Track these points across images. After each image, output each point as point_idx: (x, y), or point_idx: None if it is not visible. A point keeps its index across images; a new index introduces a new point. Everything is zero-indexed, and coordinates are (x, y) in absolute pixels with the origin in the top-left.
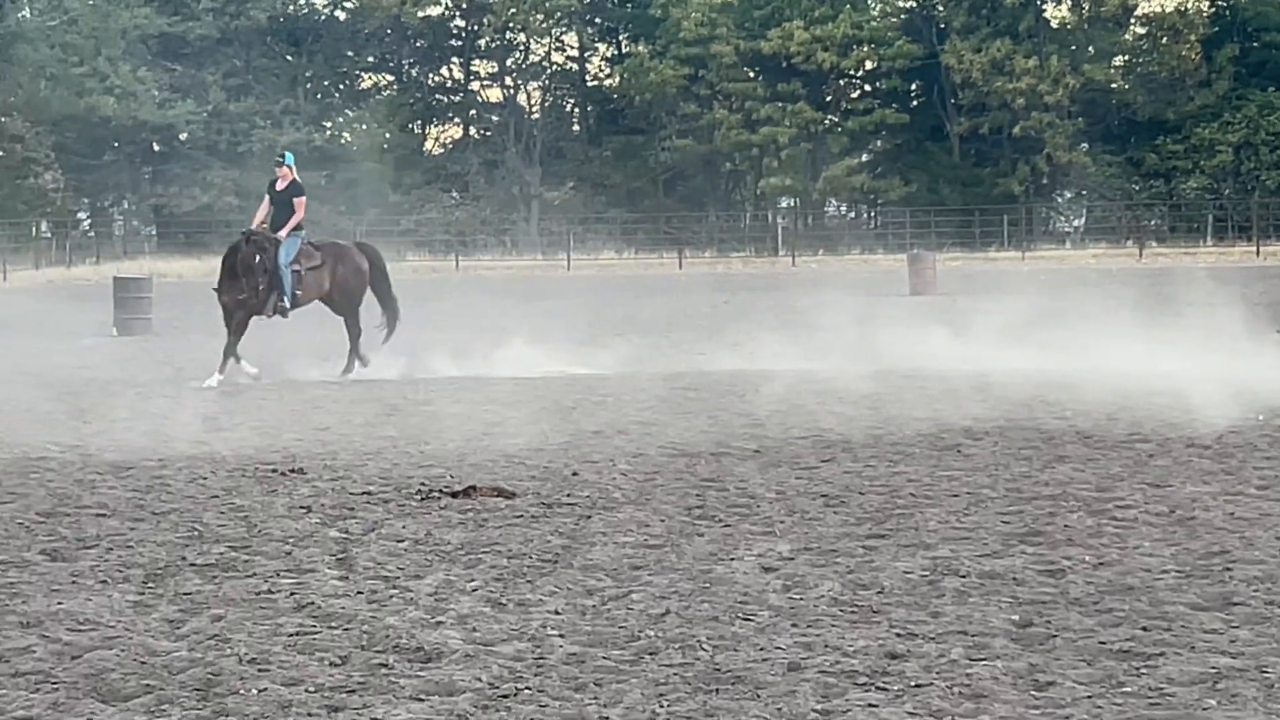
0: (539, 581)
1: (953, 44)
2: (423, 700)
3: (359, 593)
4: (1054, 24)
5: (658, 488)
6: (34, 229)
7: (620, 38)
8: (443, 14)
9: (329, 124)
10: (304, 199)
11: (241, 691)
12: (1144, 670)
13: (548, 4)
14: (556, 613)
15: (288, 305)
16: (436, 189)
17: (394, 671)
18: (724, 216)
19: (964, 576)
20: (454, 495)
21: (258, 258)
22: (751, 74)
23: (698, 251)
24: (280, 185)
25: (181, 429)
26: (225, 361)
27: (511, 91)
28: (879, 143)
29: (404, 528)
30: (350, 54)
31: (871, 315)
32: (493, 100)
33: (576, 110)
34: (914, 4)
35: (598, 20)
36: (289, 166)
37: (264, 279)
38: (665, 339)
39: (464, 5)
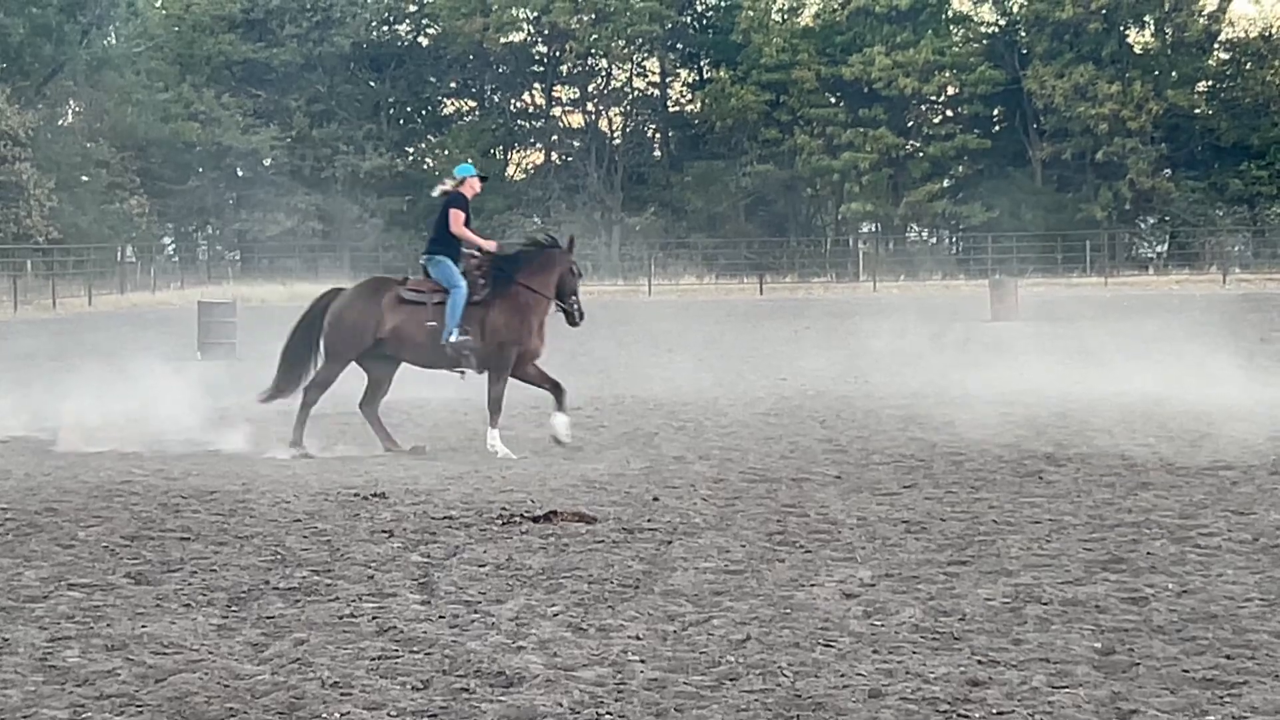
0: (620, 607)
1: (1035, 69)
2: None
3: (440, 617)
4: (1137, 49)
5: (738, 513)
6: (119, 253)
7: (701, 63)
8: (524, 40)
9: (411, 150)
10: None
11: (324, 715)
12: (1228, 699)
13: (629, 30)
14: (637, 638)
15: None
16: (518, 214)
17: (475, 696)
18: (805, 241)
19: (1046, 604)
20: (535, 520)
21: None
22: (832, 99)
23: (779, 276)
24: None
25: (264, 453)
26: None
27: (593, 117)
28: (960, 168)
29: (485, 552)
30: (432, 80)
31: (953, 341)
32: (574, 126)
33: (658, 135)
34: (996, 29)
35: (679, 46)
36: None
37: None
38: (746, 364)
39: (546, 31)
